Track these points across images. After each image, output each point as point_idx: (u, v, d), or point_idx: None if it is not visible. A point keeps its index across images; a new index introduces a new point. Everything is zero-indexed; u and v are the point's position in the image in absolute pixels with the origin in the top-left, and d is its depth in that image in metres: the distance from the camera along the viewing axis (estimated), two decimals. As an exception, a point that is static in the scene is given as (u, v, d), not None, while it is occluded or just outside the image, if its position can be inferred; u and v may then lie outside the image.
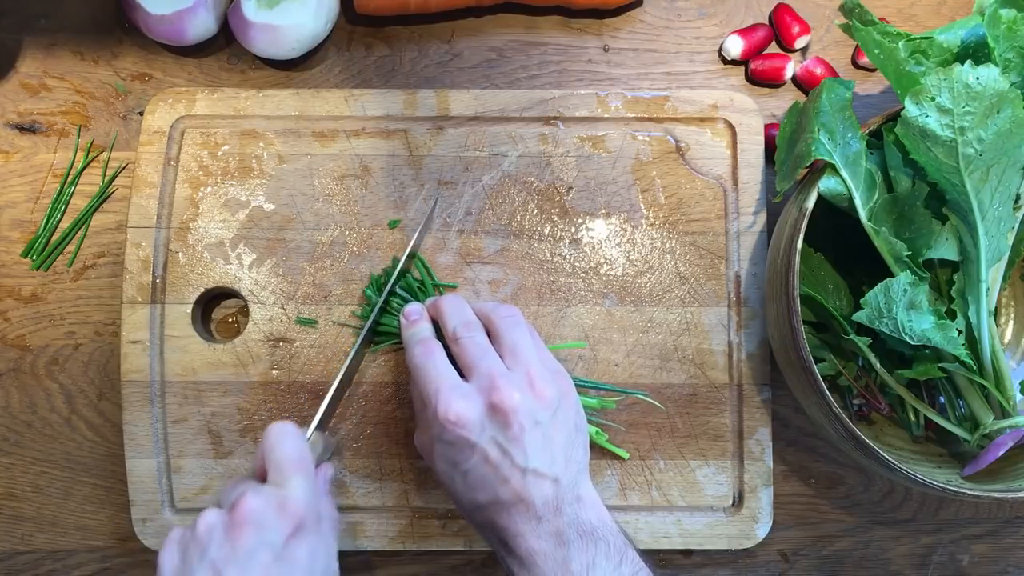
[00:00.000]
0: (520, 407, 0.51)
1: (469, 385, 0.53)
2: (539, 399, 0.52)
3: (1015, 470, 0.59)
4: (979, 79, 0.52)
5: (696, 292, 0.67)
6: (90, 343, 0.69)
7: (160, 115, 0.67)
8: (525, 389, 0.52)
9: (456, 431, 0.51)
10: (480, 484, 0.51)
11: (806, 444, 0.69)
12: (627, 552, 0.51)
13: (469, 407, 0.51)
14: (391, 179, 0.68)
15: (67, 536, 0.68)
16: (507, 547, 0.52)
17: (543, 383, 0.52)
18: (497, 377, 0.52)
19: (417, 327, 0.59)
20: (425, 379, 0.54)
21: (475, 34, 0.73)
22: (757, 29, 0.72)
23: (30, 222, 0.70)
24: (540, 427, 0.51)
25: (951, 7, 0.75)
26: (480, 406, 0.51)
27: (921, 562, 0.69)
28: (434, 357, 0.55)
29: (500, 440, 0.51)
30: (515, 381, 0.52)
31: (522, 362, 0.54)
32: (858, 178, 0.57)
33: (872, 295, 0.55)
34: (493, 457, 0.51)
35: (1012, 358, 0.68)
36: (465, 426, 0.51)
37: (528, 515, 0.51)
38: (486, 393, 0.51)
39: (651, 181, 0.68)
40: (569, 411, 0.54)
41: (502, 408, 0.51)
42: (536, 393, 0.52)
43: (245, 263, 0.66)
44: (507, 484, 0.50)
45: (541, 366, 0.54)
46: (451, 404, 0.51)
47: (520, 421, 0.51)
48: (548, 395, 0.52)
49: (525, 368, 0.53)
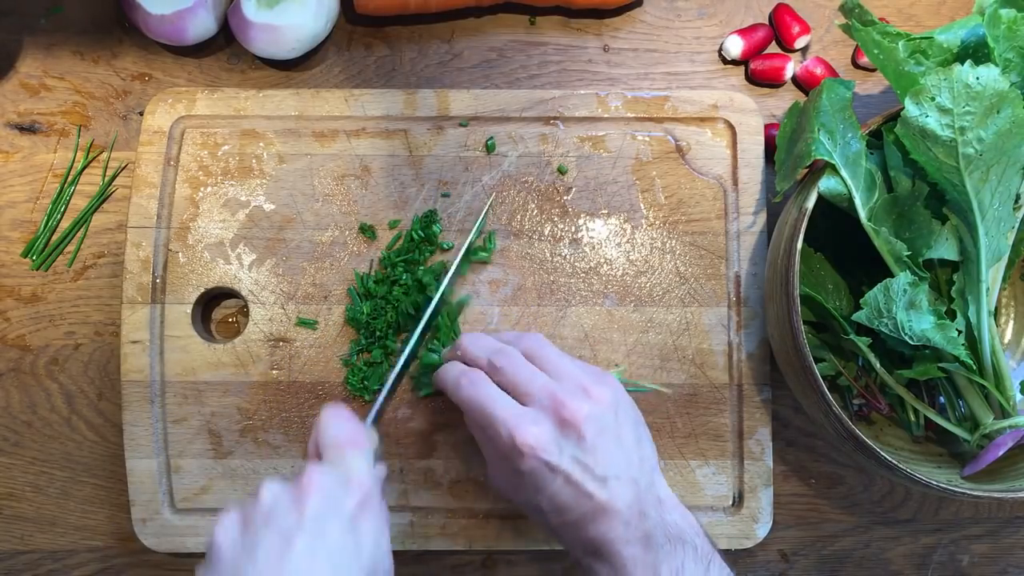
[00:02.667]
0: (588, 417, 0.50)
1: (532, 409, 0.52)
2: (600, 405, 0.51)
3: (1015, 470, 0.59)
4: (979, 79, 0.52)
5: (696, 292, 0.67)
6: (90, 343, 0.69)
7: (160, 115, 0.67)
8: (586, 399, 0.51)
9: (536, 457, 0.50)
10: (567, 504, 0.50)
11: (806, 444, 0.69)
12: (714, 557, 0.51)
13: (542, 430, 0.50)
14: (391, 179, 0.68)
15: (67, 536, 0.68)
16: (598, 555, 0.51)
17: (597, 387, 0.52)
18: (557, 393, 0.51)
19: (451, 364, 0.58)
20: (486, 413, 0.52)
21: (475, 34, 0.73)
22: (757, 29, 0.72)
23: (30, 222, 0.70)
24: (608, 431, 0.51)
25: (951, 7, 0.75)
26: (551, 426, 0.51)
27: (921, 562, 0.69)
28: (485, 388, 0.54)
29: (577, 455, 0.50)
30: (575, 393, 0.51)
31: (567, 375, 0.53)
32: (858, 178, 0.57)
33: (872, 295, 0.55)
34: (576, 476, 0.50)
35: (1012, 358, 0.68)
36: (544, 450, 0.50)
37: (616, 522, 0.50)
38: (553, 412, 0.51)
39: (651, 181, 0.68)
40: (627, 408, 0.54)
41: (572, 422, 0.50)
42: (595, 399, 0.52)
43: (245, 263, 0.66)
44: (592, 498, 0.50)
45: (586, 374, 0.54)
46: (526, 432, 0.50)
47: (591, 430, 0.50)
48: (606, 398, 0.52)
49: (573, 379, 0.53)
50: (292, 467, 0.65)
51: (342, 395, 0.65)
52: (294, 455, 0.65)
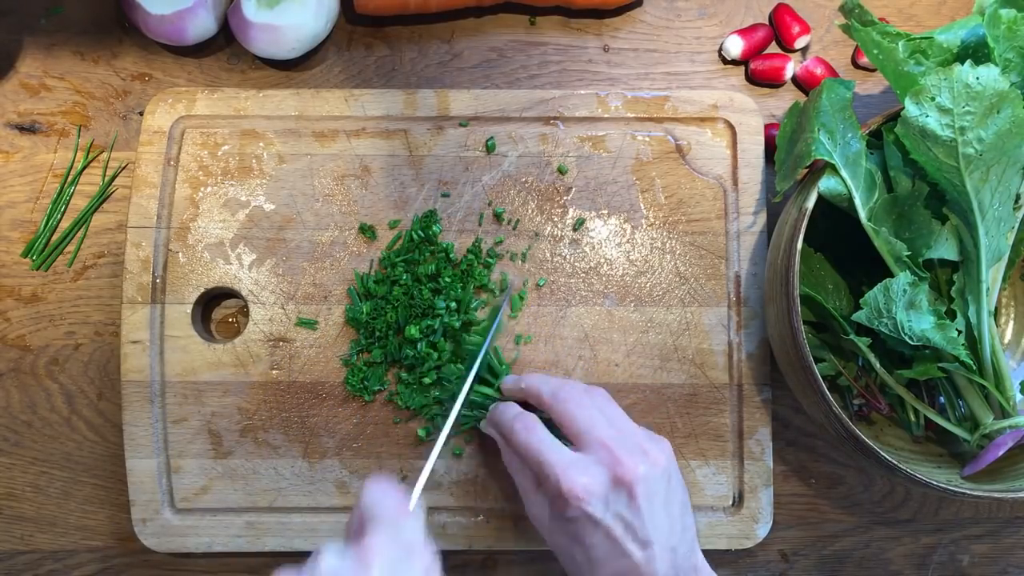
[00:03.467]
0: (643, 479, 0.50)
1: (588, 458, 0.51)
2: (655, 468, 0.51)
3: (1015, 470, 0.59)
4: (979, 79, 0.52)
5: (696, 292, 0.67)
6: (90, 343, 0.69)
7: (160, 115, 0.67)
8: (643, 459, 0.51)
9: (581, 507, 0.50)
10: (602, 559, 0.50)
11: (806, 444, 0.69)
12: None
13: (592, 481, 0.50)
14: (391, 179, 0.68)
15: (67, 536, 0.68)
16: None
17: (656, 451, 0.52)
18: (616, 448, 0.51)
19: (506, 405, 0.57)
20: (537, 456, 0.52)
21: (475, 34, 0.73)
22: (757, 29, 0.72)
23: (30, 222, 0.70)
24: (659, 497, 0.51)
25: (951, 7, 0.75)
26: (604, 480, 0.50)
27: (921, 562, 0.69)
28: (538, 432, 0.53)
29: (624, 514, 0.50)
30: (634, 451, 0.51)
31: (628, 431, 0.53)
32: (858, 178, 0.57)
33: (872, 295, 0.55)
34: (617, 533, 0.50)
35: (1012, 358, 0.68)
36: (590, 502, 0.50)
37: None
38: (609, 466, 0.50)
39: (651, 181, 0.68)
40: (678, 475, 0.54)
41: (626, 481, 0.50)
42: (652, 462, 0.51)
43: (245, 263, 0.66)
44: (629, 559, 0.50)
45: (644, 434, 0.53)
46: (574, 481, 0.50)
47: (642, 492, 0.50)
48: (661, 462, 0.52)
49: (632, 436, 0.52)
50: (292, 467, 0.65)
51: (342, 395, 0.65)
52: (294, 455, 0.65)
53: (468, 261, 0.66)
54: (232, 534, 0.64)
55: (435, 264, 0.65)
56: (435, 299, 0.64)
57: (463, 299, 0.65)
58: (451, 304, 0.65)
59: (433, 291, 0.65)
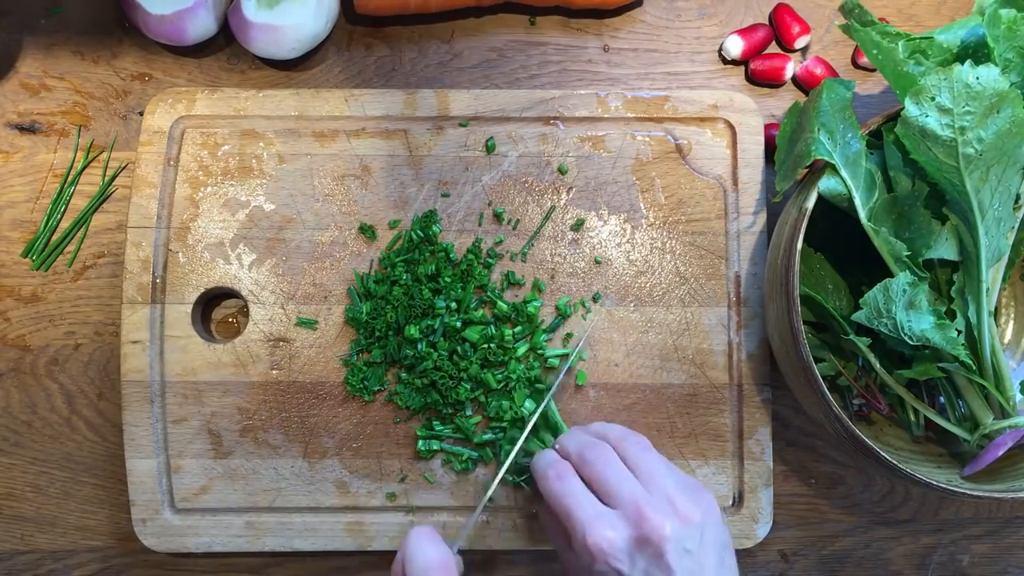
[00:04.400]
0: (671, 537, 0.49)
1: (614, 513, 0.50)
2: (686, 524, 0.50)
3: (1015, 470, 0.59)
4: (979, 79, 0.52)
5: (696, 292, 0.67)
6: (90, 343, 0.69)
7: (160, 115, 0.67)
8: (672, 516, 0.50)
9: (607, 562, 0.49)
10: None
11: (806, 444, 0.69)
12: None
13: (617, 537, 0.49)
14: (391, 179, 0.68)
15: (67, 536, 0.68)
16: None
17: (688, 506, 0.51)
18: (643, 506, 0.50)
19: (545, 451, 0.57)
20: (565, 508, 0.51)
21: (475, 34, 0.73)
22: (757, 29, 0.72)
23: (30, 222, 0.70)
24: (690, 555, 0.49)
25: (951, 7, 0.75)
26: (628, 536, 0.49)
27: (921, 562, 0.69)
28: (570, 483, 0.53)
29: (651, 572, 0.49)
30: (662, 508, 0.50)
31: (659, 485, 0.51)
32: (858, 178, 0.57)
33: (871, 295, 0.55)
34: None
35: (1012, 358, 0.68)
36: (616, 557, 0.49)
37: None
38: (634, 524, 0.49)
39: (651, 181, 0.68)
40: (715, 530, 0.52)
41: (652, 540, 0.49)
42: (682, 518, 0.50)
43: (245, 263, 0.66)
44: None
45: (680, 487, 0.52)
46: (599, 535, 0.49)
47: (671, 550, 0.49)
48: (695, 519, 0.50)
49: (664, 492, 0.51)
50: (292, 467, 0.65)
51: (342, 395, 0.65)
52: (294, 455, 0.65)
53: (468, 261, 0.66)
54: (232, 534, 0.64)
55: (435, 264, 0.65)
56: (435, 299, 0.64)
57: (463, 299, 0.65)
58: (451, 304, 0.65)
59: (433, 291, 0.65)
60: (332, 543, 0.65)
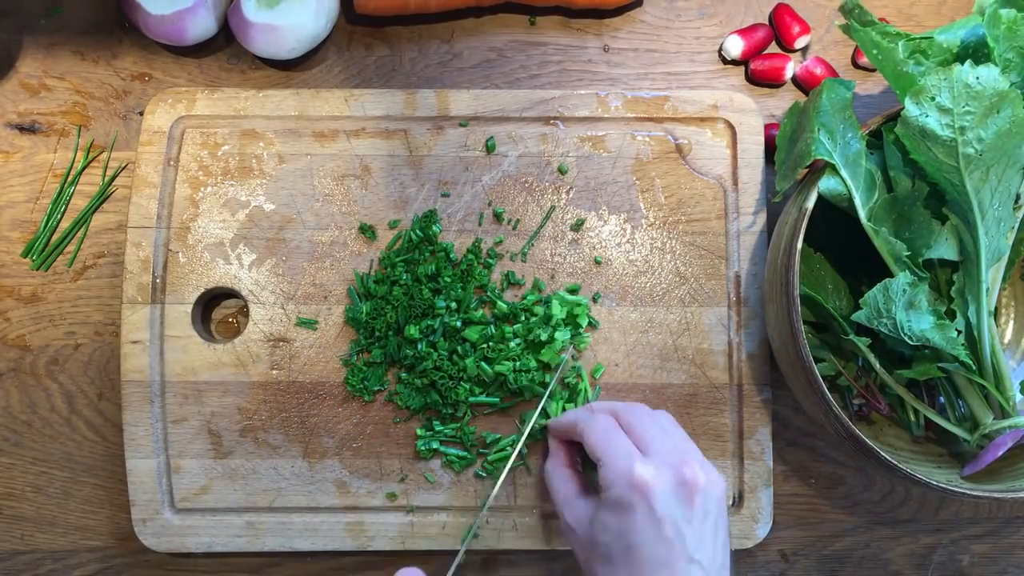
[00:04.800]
0: (705, 489, 0.51)
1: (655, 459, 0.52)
2: (714, 486, 0.52)
3: (1015, 470, 0.59)
4: (979, 79, 0.52)
5: (696, 292, 0.67)
6: (90, 343, 0.69)
7: (160, 115, 0.67)
8: (706, 472, 0.52)
9: (647, 499, 0.49)
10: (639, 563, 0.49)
11: (806, 444, 0.69)
12: None
13: (659, 475, 0.50)
14: (391, 179, 0.68)
15: (67, 536, 0.68)
16: None
17: (715, 475, 0.53)
18: (684, 453, 0.52)
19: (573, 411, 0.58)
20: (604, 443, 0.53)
21: (475, 34, 0.73)
22: (757, 29, 0.72)
23: (30, 222, 0.70)
24: (711, 517, 0.51)
25: (951, 7, 0.75)
26: (669, 477, 0.51)
27: (921, 562, 0.69)
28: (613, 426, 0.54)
29: (679, 519, 0.50)
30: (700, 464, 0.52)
31: (693, 450, 0.54)
32: (858, 178, 0.57)
33: (871, 295, 0.55)
34: (667, 534, 0.49)
35: (1012, 358, 0.68)
36: (657, 495, 0.50)
37: None
38: (675, 467, 0.51)
39: (651, 181, 0.68)
40: (726, 510, 0.54)
41: (691, 483, 0.50)
42: (712, 480, 0.52)
43: (245, 263, 0.66)
44: (669, 569, 0.49)
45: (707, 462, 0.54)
46: (645, 470, 0.50)
47: (699, 504, 0.50)
48: (719, 486, 0.52)
49: (697, 459, 0.53)
50: (292, 467, 0.65)
51: (342, 395, 0.65)
52: (294, 455, 0.65)
53: (468, 261, 0.66)
54: (232, 534, 0.64)
55: (435, 264, 0.65)
56: (435, 299, 0.64)
57: (463, 299, 0.65)
58: (451, 304, 0.65)
59: (433, 291, 0.65)
60: (332, 543, 0.65)
